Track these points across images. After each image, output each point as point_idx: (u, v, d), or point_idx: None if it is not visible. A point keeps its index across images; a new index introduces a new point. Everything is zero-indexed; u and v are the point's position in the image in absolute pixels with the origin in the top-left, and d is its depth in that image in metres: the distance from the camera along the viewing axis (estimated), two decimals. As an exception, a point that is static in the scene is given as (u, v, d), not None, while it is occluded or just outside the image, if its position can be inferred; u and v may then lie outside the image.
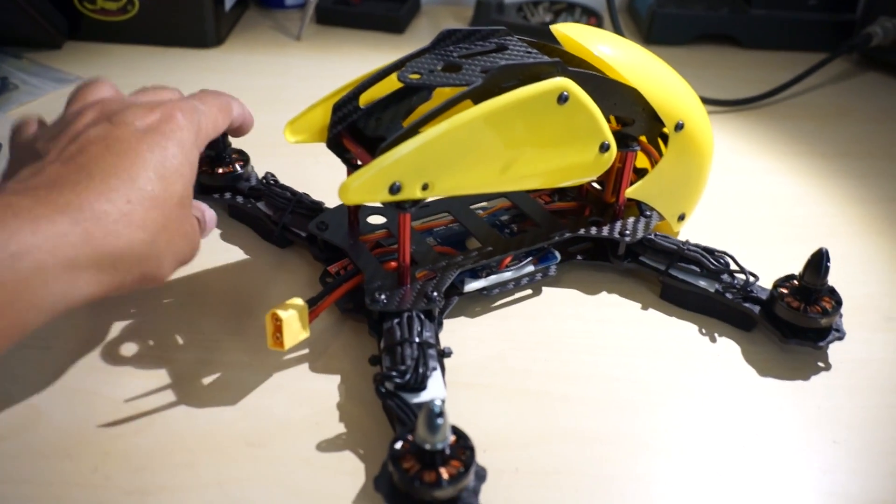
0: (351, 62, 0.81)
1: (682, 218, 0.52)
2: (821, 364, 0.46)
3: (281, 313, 0.39)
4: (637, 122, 0.47)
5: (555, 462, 0.39)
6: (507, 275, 0.48)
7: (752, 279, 0.47)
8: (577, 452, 0.39)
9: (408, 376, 0.38)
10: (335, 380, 0.43)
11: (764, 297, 0.46)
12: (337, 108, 0.44)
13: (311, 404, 0.41)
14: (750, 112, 0.75)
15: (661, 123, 0.48)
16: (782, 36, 0.87)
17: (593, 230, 0.49)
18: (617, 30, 0.75)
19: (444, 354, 0.42)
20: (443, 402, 0.34)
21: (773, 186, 0.63)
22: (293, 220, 0.51)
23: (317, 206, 0.52)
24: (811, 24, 0.87)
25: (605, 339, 0.47)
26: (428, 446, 0.33)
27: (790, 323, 0.45)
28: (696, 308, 0.49)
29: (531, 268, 0.49)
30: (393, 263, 0.45)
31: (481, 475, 0.35)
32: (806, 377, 0.45)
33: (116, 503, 0.35)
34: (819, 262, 0.44)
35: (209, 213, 0.45)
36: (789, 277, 0.46)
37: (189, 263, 0.41)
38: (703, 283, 0.47)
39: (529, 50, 0.44)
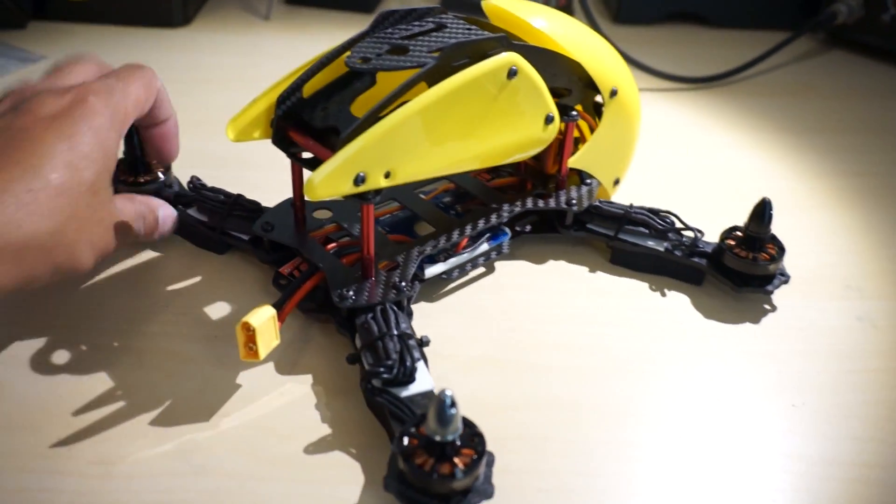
0: (319, 41, 0.80)
1: (616, 182, 0.53)
2: (767, 307, 0.48)
3: (253, 322, 0.36)
4: (574, 93, 0.47)
5: (520, 430, 0.39)
6: (465, 256, 0.48)
7: (698, 235, 0.49)
8: (546, 418, 0.40)
9: (395, 370, 0.38)
10: (308, 380, 0.42)
11: (711, 250, 0.48)
12: (281, 100, 0.42)
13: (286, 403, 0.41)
14: (717, 89, 0.76)
15: (594, 91, 0.48)
16: (749, 14, 0.88)
17: (541, 203, 0.50)
18: (585, 9, 0.75)
19: (422, 343, 0.41)
20: (452, 392, 0.32)
21: (737, 161, 0.64)
22: (232, 224, 0.49)
23: (255, 207, 0.49)
24: (777, 3, 0.88)
25: (564, 309, 0.47)
26: (440, 438, 0.32)
27: (740, 272, 0.47)
28: (647, 269, 0.50)
29: (486, 246, 0.49)
30: (349, 258, 0.44)
31: (491, 461, 0.35)
32: (756, 320, 0.47)
33: (80, 473, 0.36)
34: (763, 211, 0.46)
35: (163, 211, 0.45)
36: (733, 229, 0.48)
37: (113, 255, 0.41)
38: (651, 244, 0.49)
39: (469, 27, 0.43)
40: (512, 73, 0.41)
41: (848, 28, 0.82)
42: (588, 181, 0.51)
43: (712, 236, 0.49)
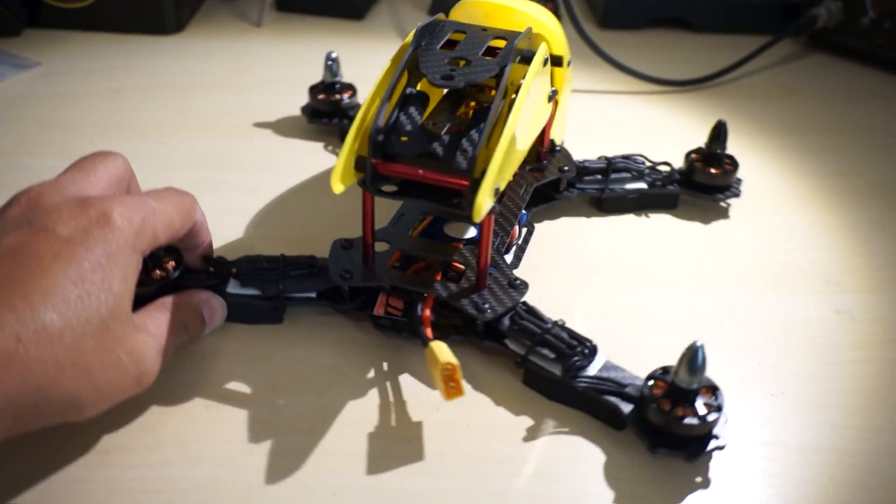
0: (311, 47, 0.82)
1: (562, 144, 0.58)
2: (751, 300, 0.48)
3: (452, 360, 0.36)
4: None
5: (505, 418, 0.40)
6: (519, 241, 0.51)
7: (672, 167, 0.57)
8: (526, 409, 0.41)
9: (586, 353, 0.40)
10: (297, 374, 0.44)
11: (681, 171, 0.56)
12: (373, 140, 0.39)
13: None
14: (702, 92, 0.77)
15: (555, 66, 0.49)
16: (732, 19, 0.90)
17: (540, 177, 0.52)
18: (571, 14, 0.76)
19: (561, 326, 0.42)
20: (702, 343, 0.37)
21: (721, 161, 0.65)
22: (292, 286, 0.45)
23: (310, 261, 0.46)
24: (760, 8, 0.89)
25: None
26: (688, 386, 0.37)
27: (708, 184, 0.57)
28: (633, 208, 0.57)
29: (520, 230, 0.51)
30: (435, 276, 0.44)
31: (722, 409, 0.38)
32: (739, 314, 0.47)
33: (76, 462, 0.36)
34: (720, 131, 0.54)
35: (209, 305, 0.41)
36: (695, 151, 0.57)
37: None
38: (632, 186, 0.57)
39: (483, 28, 0.45)
40: (546, 62, 0.44)
41: (829, 31, 0.84)
42: (558, 148, 0.55)
43: (691, 225, 0.50)
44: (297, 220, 0.55)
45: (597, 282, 0.50)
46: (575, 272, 0.51)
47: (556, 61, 0.48)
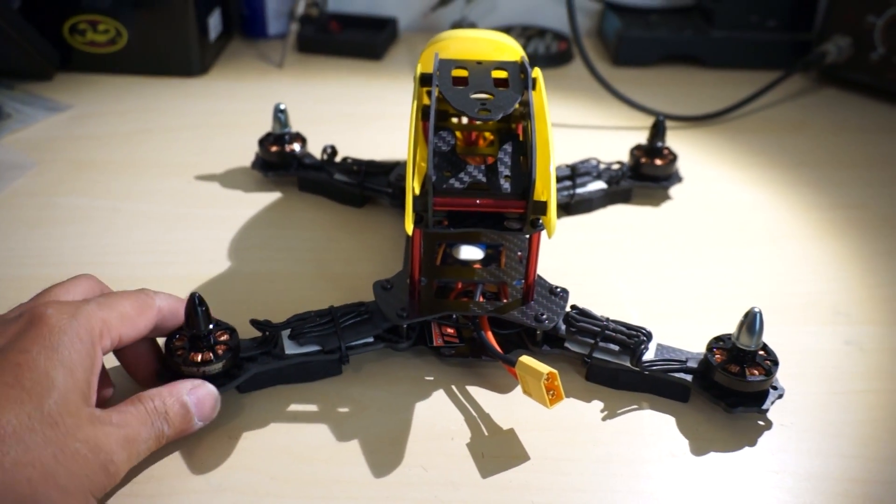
0: (331, 87, 0.84)
1: None
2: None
3: (551, 370, 0.40)
4: None
5: (519, 448, 0.41)
6: None
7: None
8: (539, 439, 0.42)
9: (646, 339, 0.45)
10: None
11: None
12: (431, 178, 0.41)
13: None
14: (713, 127, 0.79)
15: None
16: (743, 55, 0.91)
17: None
18: (582, 53, 0.78)
19: (614, 321, 0.47)
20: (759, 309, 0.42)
21: (732, 194, 0.67)
22: (347, 336, 0.46)
23: (360, 308, 0.47)
24: (770, 44, 0.91)
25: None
26: (747, 347, 0.42)
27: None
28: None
29: None
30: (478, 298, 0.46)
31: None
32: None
33: (112, 491, 0.38)
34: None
35: (194, 395, 0.39)
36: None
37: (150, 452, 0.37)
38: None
39: (477, 62, 0.48)
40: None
41: (839, 67, 0.85)
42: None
43: (708, 258, 0.51)
44: (315, 260, 0.57)
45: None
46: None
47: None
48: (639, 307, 0.52)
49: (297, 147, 0.63)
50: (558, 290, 0.47)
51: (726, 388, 0.43)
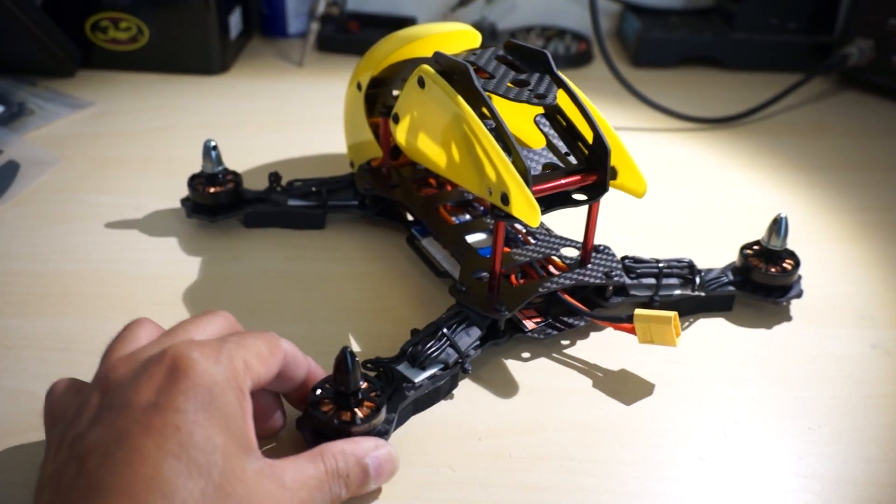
0: (351, 86, 0.84)
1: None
2: (786, 334, 0.51)
3: (673, 312, 0.44)
4: None
5: (546, 448, 0.41)
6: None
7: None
8: (567, 440, 0.42)
9: (693, 267, 0.51)
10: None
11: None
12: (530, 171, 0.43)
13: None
14: (733, 129, 0.79)
15: None
16: (763, 57, 0.91)
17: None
18: (604, 53, 0.78)
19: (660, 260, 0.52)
20: None
21: (754, 197, 0.66)
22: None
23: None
24: (791, 46, 0.91)
25: (591, 336, 0.50)
26: (776, 248, 0.51)
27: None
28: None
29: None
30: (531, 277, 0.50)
31: None
32: (774, 348, 0.48)
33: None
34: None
35: (376, 456, 0.36)
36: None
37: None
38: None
39: (472, 51, 0.49)
40: None
41: (860, 69, 0.85)
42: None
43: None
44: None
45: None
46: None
47: None
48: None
49: (232, 183, 0.57)
50: (601, 247, 0.51)
51: (765, 284, 0.51)
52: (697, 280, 0.51)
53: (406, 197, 0.56)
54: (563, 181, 0.45)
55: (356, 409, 0.38)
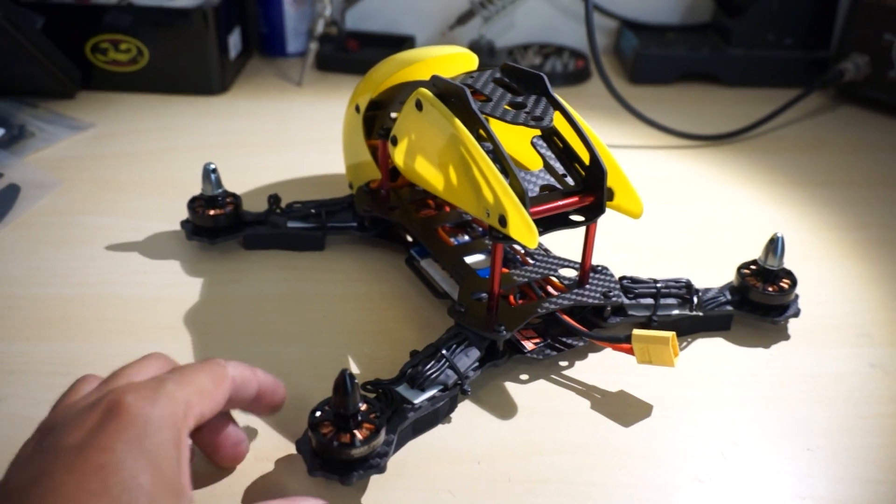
0: (350, 106, 0.85)
1: None
2: (782, 353, 0.51)
3: (671, 333, 0.44)
4: None
5: (545, 471, 0.41)
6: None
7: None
8: (566, 463, 0.42)
9: (691, 288, 0.51)
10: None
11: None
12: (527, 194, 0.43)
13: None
14: (731, 145, 0.79)
15: None
16: (760, 73, 0.92)
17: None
18: (599, 70, 0.79)
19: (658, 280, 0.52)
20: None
21: (751, 214, 0.67)
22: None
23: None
24: (787, 62, 0.91)
25: (588, 358, 0.50)
26: (773, 268, 0.51)
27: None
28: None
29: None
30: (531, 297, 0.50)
31: None
32: (771, 367, 0.48)
33: None
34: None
35: None
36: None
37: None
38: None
39: (470, 74, 0.50)
40: None
41: (857, 85, 0.85)
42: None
43: (724, 282, 0.51)
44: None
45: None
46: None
47: None
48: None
49: (232, 205, 0.58)
50: (599, 267, 0.51)
51: (763, 304, 0.51)
52: (695, 300, 0.51)
53: (405, 218, 0.56)
54: (560, 203, 0.45)
55: (356, 431, 0.38)
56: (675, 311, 0.51)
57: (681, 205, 0.68)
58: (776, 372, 0.49)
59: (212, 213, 0.57)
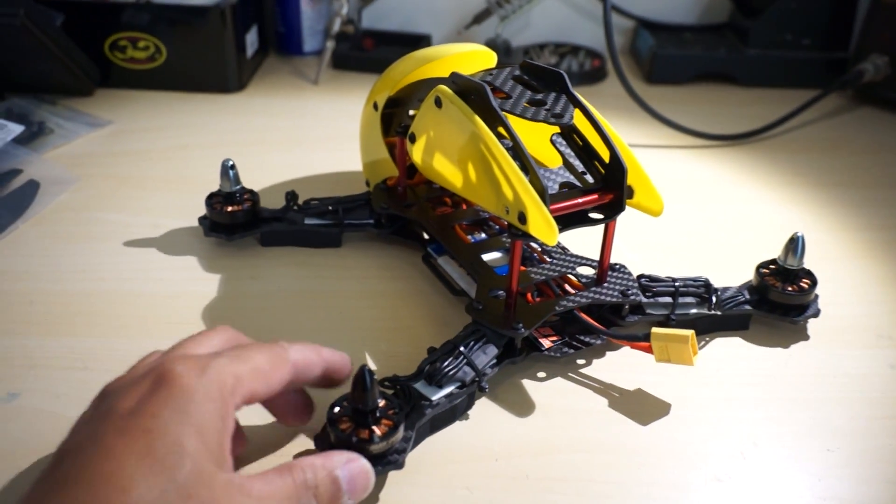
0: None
1: None
2: (802, 354, 0.50)
3: (691, 331, 0.44)
4: None
5: (563, 469, 0.41)
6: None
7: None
8: (584, 461, 0.42)
9: (709, 286, 0.51)
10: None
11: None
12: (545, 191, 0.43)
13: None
14: (748, 146, 0.79)
15: None
16: (778, 74, 0.91)
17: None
18: (617, 70, 0.78)
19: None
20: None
21: (769, 214, 0.66)
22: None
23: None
24: (805, 62, 0.91)
25: (606, 356, 0.49)
26: (793, 267, 0.50)
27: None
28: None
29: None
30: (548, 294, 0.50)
31: None
32: (791, 368, 0.47)
33: None
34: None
35: (348, 469, 0.36)
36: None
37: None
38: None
39: (489, 71, 0.50)
40: None
41: (876, 85, 0.84)
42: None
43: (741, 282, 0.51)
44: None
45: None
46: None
47: None
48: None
49: (249, 202, 0.58)
50: (617, 266, 0.51)
51: (782, 304, 0.50)
52: (714, 299, 0.51)
53: (422, 215, 0.56)
54: (580, 200, 0.45)
55: (374, 427, 0.38)
56: (694, 310, 0.51)
57: (697, 204, 0.68)
58: (795, 372, 0.48)
59: (229, 209, 0.57)
